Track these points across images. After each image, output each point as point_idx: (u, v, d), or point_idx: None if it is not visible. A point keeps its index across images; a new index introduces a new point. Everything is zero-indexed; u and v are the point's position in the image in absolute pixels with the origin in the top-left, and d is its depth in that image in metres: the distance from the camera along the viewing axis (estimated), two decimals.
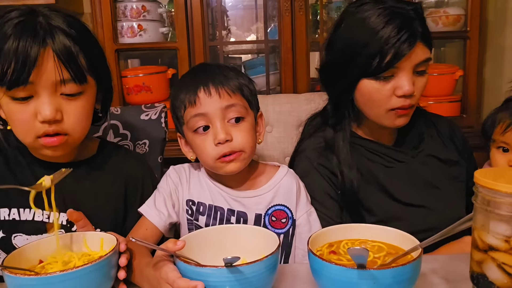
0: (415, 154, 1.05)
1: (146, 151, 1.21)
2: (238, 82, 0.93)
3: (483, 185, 0.62)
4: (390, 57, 0.90)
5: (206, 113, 0.90)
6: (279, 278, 0.77)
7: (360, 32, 0.94)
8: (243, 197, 0.96)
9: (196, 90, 0.90)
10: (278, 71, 1.86)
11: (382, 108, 0.96)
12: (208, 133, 0.91)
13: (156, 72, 1.84)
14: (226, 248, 0.79)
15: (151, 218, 0.93)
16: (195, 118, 0.90)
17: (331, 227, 0.77)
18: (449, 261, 0.83)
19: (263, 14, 1.85)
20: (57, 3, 1.78)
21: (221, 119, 0.90)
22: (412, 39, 0.90)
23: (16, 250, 0.71)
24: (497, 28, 1.91)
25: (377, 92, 0.94)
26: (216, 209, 0.96)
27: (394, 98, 0.94)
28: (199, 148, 0.93)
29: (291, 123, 1.44)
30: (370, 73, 0.93)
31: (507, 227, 0.61)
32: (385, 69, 0.92)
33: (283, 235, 0.97)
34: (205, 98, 0.89)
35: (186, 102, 0.91)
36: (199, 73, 0.95)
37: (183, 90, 0.93)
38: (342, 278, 0.62)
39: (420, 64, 0.93)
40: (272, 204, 0.96)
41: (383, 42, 0.90)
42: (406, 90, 0.92)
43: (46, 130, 0.81)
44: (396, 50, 0.89)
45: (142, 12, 1.80)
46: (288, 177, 0.99)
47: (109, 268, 0.70)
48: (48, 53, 0.79)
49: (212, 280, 0.65)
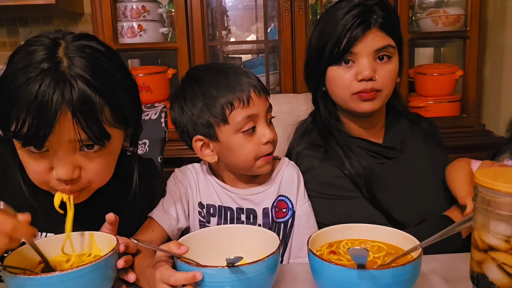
0: (401, 149, 1.10)
1: (146, 151, 1.21)
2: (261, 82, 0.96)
3: (483, 185, 0.62)
4: (345, 42, 0.98)
5: (257, 114, 0.91)
6: (279, 278, 0.77)
7: (328, 25, 1.02)
8: (249, 195, 0.97)
9: (248, 90, 0.90)
10: (277, 71, 1.86)
11: (346, 92, 1.02)
12: (255, 134, 0.92)
13: (156, 72, 1.84)
14: (226, 248, 0.79)
15: (158, 219, 0.91)
16: (247, 118, 0.90)
17: (331, 227, 0.77)
18: (449, 261, 0.83)
19: (263, 14, 1.85)
20: (57, 3, 1.78)
21: (265, 120, 0.93)
22: (366, 25, 0.98)
23: (16, 250, 0.71)
24: (497, 28, 1.91)
25: (341, 77, 1.02)
26: (226, 210, 0.97)
27: (355, 83, 1.00)
28: (241, 147, 0.91)
29: (290, 123, 1.43)
30: (333, 60, 1.01)
31: (507, 227, 0.61)
32: (342, 54, 0.99)
33: (283, 224, 0.98)
34: (257, 99, 0.91)
35: (235, 102, 0.89)
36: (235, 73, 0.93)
37: (229, 89, 0.90)
38: (342, 278, 0.62)
39: (380, 50, 0.99)
40: (276, 195, 0.98)
41: (340, 30, 0.99)
42: (365, 75, 0.98)
43: (63, 188, 0.75)
44: (349, 35, 0.98)
45: (142, 12, 1.80)
46: (289, 168, 1.01)
47: (108, 268, 0.70)
48: (67, 109, 0.68)
49: (212, 280, 0.65)
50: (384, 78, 1.00)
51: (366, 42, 0.98)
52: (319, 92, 1.11)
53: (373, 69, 0.99)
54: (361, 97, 1.00)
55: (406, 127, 1.14)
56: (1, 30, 2.12)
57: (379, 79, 0.99)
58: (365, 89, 0.99)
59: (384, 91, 1.01)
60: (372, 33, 0.99)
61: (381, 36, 0.99)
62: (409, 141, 1.12)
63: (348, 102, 1.03)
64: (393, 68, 1.02)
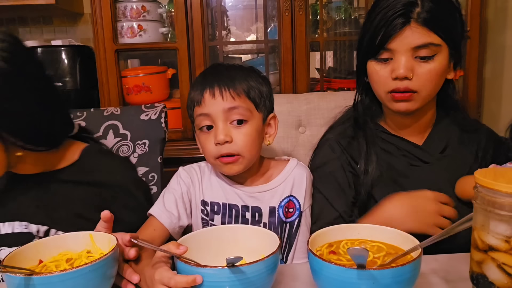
0: (441, 157, 1.03)
1: (146, 151, 1.21)
2: (246, 84, 0.94)
3: (483, 185, 0.62)
4: (380, 37, 0.93)
5: (209, 114, 0.92)
6: (279, 278, 0.77)
7: (370, 14, 0.97)
8: (257, 192, 0.98)
9: (202, 91, 0.93)
10: (277, 71, 1.86)
11: (381, 90, 0.98)
12: (211, 132, 0.93)
13: (156, 72, 1.84)
14: (226, 248, 0.79)
15: (160, 218, 0.93)
16: (200, 117, 0.94)
17: (331, 227, 0.77)
18: (449, 261, 0.83)
19: (263, 14, 1.85)
20: (57, 3, 1.78)
21: (224, 120, 0.92)
22: (404, 20, 0.90)
23: (16, 250, 0.71)
24: (497, 28, 1.91)
25: (377, 73, 0.97)
26: (231, 207, 0.98)
27: (390, 81, 0.95)
28: (202, 145, 0.96)
29: (290, 123, 1.44)
30: (371, 54, 0.97)
31: (507, 227, 0.60)
32: (377, 49, 0.94)
33: (289, 225, 0.99)
34: (209, 99, 0.92)
35: (194, 101, 0.95)
36: (208, 73, 0.98)
37: (194, 89, 0.96)
38: (341, 278, 0.62)
39: (420, 48, 0.91)
40: (284, 195, 0.99)
41: (377, 23, 0.93)
42: (398, 73, 0.92)
43: None
44: (385, 29, 0.92)
45: (142, 12, 1.80)
46: (298, 168, 1.02)
47: (108, 268, 0.70)
48: None
49: (212, 280, 0.65)
50: (422, 78, 0.93)
51: (403, 39, 0.91)
52: (362, 82, 1.06)
53: (409, 68, 0.92)
54: (394, 97, 0.95)
55: (456, 135, 1.05)
56: None
57: (416, 79, 0.92)
58: (398, 87, 0.93)
59: (421, 93, 0.94)
60: (410, 28, 0.91)
61: (421, 33, 0.91)
62: (454, 150, 1.03)
63: (384, 100, 0.99)
64: (434, 67, 0.93)
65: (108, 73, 1.74)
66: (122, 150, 1.21)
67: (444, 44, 0.93)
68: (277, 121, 1.03)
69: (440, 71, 0.94)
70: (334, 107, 1.38)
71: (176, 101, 1.86)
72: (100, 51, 1.72)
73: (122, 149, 1.21)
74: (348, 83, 1.86)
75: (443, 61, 0.94)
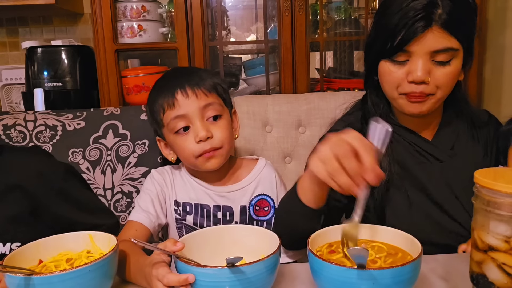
0: (452, 154, 0.99)
1: (146, 151, 1.22)
2: (213, 82, 0.97)
3: (483, 185, 0.62)
4: (399, 39, 0.87)
5: (185, 114, 0.93)
6: (279, 278, 0.77)
7: (386, 12, 0.92)
8: (227, 192, 1.00)
9: (173, 93, 0.93)
10: (277, 71, 1.86)
11: (394, 91, 0.93)
12: (189, 133, 0.94)
13: (156, 72, 1.84)
14: (225, 248, 0.79)
15: (139, 219, 0.94)
16: (175, 120, 0.94)
17: (331, 227, 0.77)
18: (449, 261, 0.82)
19: (263, 14, 1.85)
20: (57, 3, 1.78)
21: (200, 118, 0.94)
22: (426, 23, 0.85)
23: (16, 250, 0.71)
24: (497, 28, 1.91)
25: (390, 74, 0.92)
26: (202, 207, 1.00)
27: (405, 83, 0.90)
28: (180, 148, 0.96)
29: (290, 123, 1.44)
30: (385, 55, 0.92)
31: (507, 227, 0.61)
32: (394, 51, 0.90)
33: (266, 222, 1.02)
34: (183, 100, 0.93)
35: (164, 105, 0.94)
36: (172, 77, 0.98)
37: (160, 94, 0.95)
38: (341, 278, 0.62)
39: (439, 52, 0.88)
40: (255, 194, 1.01)
41: (396, 23, 0.88)
42: (416, 77, 0.88)
43: None
44: (405, 32, 0.87)
45: (142, 12, 1.79)
46: (267, 168, 1.05)
47: (108, 268, 0.70)
48: None
49: (212, 280, 0.65)
50: (439, 81, 0.89)
51: (423, 42, 0.87)
52: (370, 80, 1.02)
53: (427, 71, 0.88)
54: (409, 99, 0.91)
55: (464, 130, 1.02)
56: (1, 30, 2.12)
57: (433, 82, 0.89)
58: (414, 92, 0.90)
59: (437, 95, 0.91)
60: (431, 32, 0.86)
61: (442, 37, 0.87)
62: (465, 146, 1.00)
63: (396, 100, 0.95)
64: (451, 71, 0.90)
65: (108, 73, 1.74)
66: (122, 150, 1.22)
67: (461, 48, 0.90)
68: (238, 116, 1.06)
69: (456, 75, 0.92)
70: (334, 107, 1.39)
71: None
72: (100, 51, 1.72)
73: (122, 149, 1.22)
74: (348, 83, 1.86)
75: (459, 65, 0.91)
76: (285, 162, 1.44)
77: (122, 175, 1.22)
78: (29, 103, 1.75)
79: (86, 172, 1.22)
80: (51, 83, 1.77)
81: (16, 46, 2.12)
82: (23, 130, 1.23)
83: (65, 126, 1.24)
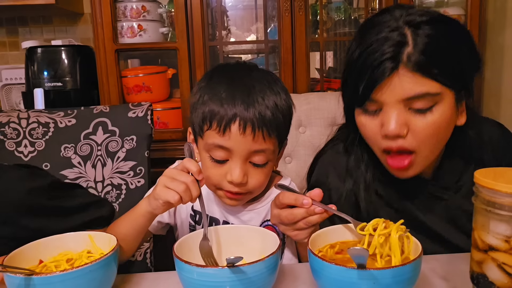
0: (457, 187, 0.85)
1: (133, 146, 1.29)
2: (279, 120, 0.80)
3: (483, 185, 0.62)
4: (363, 85, 0.73)
5: (231, 149, 0.79)
6: (279, 278, 0.77)
7: (354, 52, 0.77)
8: (238, 212, 0.94)
9: (230, 120, 0.77)
10: (277, 71, 1.86)
11: (375, 147, 0.80)
12: (224, 166, 0.81)
13: (156, 72, 1.84)
14: (226, 248, 0.79)
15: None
16: (216, 147, 0.80)
17: (332, 227, 0.77)
18: (449, 261, 0.82)
19: (263, 14, 1.85)
20: (57, 3, 1.78)
21: (244, 160, 0.80)
22: (393, 63, 0.71)
23: (16, 250, 0.71)
24: (497, 28, 1.91)
25: (364, 127, 0.79)
26: (211, 220, 0.95)
27: (380, 138, 0.76)
28: (207, 170, 0.83)
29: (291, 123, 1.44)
30: (356, 103, 0.78)
31: (507, 227, 0.61)
32: (361, 100, 0.75)
33: None
34: (237, 135, 0.77)
35: (214, 124, 0.78)
36: (237, 90, 0.78)
37: (215, 104, 0.78)
38: (342, 278, 0.62)
39: (413, 98, 0.72)
40: (266, 219, 0.94)
41: (359, 67, 0.74)
42: (388, 130, 0.73)
43: None
44: (369, 75, 0.72)
45: (142, 12, 1.80)
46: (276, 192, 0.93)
47: (108, 268, 0.70)
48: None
49: (212, 280, 0.65)
50: (419, 135, 0.74)
51: (391, 88, 0.72)
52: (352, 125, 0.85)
53: (403, 123, 0.73)
54: (389, 156, 0.77)
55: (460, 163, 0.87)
56: (1, 30, 2.12)
57: (411, 136, 0.74)
58: (390, 147, 0.76)
59: (420, 153, 0.76)
60: (398, 76, 0.71)
61: (413, 81, 0.71)
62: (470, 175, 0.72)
63: (380, 157, 0.81)
64: (433, 121, 0.73)
65: (108, 73, 1.74)
66: (111, 146, 1.28)
67: (447, 90, 0.73)
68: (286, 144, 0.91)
69: (444, 123, 0.75)
70: (334, 107, 1.39)
71: (176, 101, 1.86)
72: (100, 51, 1.72)
73: (111, 145, 1.28)
74: None
75: (447, 111, 0.74)
76: (285, 162, 1.44)
77: (112, 169, 1.28)
78: (29, 103, 1.76)
79: (78, 166, 1.26)
80: (51, 83, 1.77)
81: (16, 46, 2.12)
82: (16, 127, 1.26)
83: (57, 123, 1.28)
